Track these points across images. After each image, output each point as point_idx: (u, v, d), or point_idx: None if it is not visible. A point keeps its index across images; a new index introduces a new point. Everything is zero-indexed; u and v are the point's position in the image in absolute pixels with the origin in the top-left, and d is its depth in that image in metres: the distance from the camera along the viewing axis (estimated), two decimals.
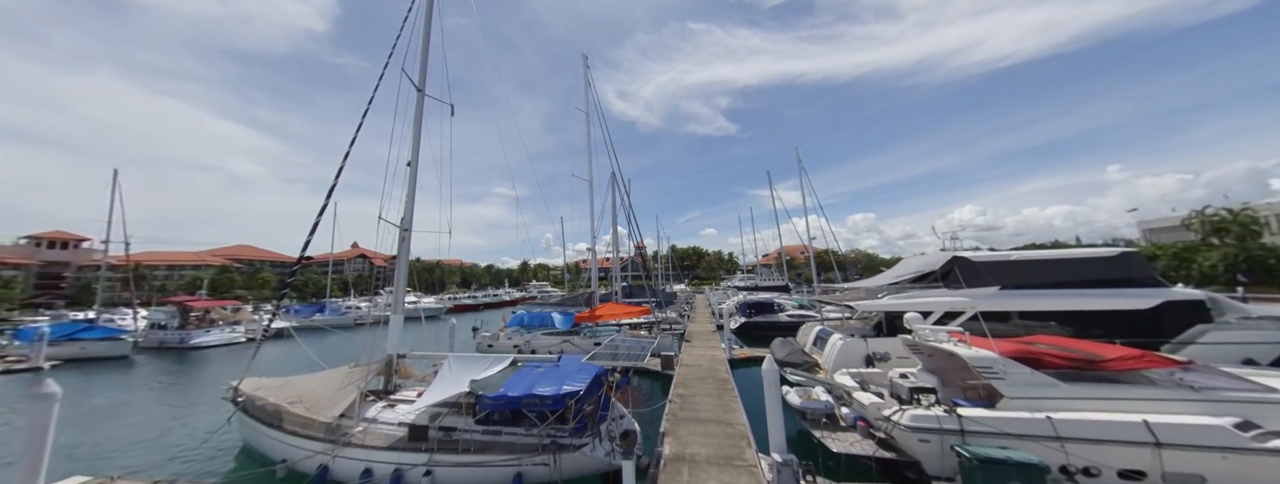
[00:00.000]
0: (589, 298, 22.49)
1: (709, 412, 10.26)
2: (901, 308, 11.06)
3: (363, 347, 10.19)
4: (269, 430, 8.16)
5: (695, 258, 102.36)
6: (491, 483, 7.25)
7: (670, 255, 65.21)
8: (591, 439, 7.57)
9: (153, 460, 8.57)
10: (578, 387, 7.85)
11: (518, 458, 7.27)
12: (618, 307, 20.88)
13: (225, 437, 9.42)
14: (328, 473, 7.38)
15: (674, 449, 8.19)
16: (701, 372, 14.10)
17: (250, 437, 9.04)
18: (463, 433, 7.69)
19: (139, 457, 8.81)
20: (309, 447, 7.52)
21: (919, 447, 6.98)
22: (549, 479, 7.12)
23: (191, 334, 25.12)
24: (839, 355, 11.61)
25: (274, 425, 8.11)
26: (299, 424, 7.88)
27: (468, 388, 8.07)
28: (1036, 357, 7.03)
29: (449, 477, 7.23)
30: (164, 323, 26.61)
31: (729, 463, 7.60)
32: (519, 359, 9.60)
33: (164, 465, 8.40)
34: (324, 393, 8.55)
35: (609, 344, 16.44)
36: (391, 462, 7.24)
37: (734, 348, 17.05)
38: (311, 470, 7.40)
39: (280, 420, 8.06)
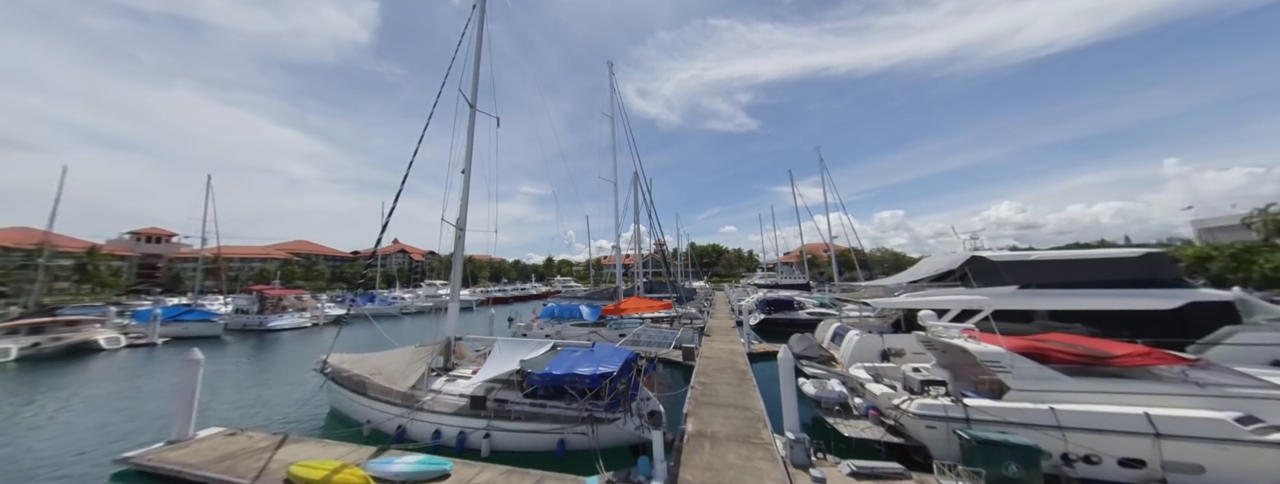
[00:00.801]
0: (614, 292, 23.26)
1: (728, 397, 10.79)
2: (917, 306, 11.19)
3: (414, 330, 11.41)
4: (355, 396, 9.40)
5: (714, 255, 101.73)
6: (539, 447, 8.11)
7: (690, 252, 65.07)
8: (623, 415, 8.30)
9: (262, 419, 10.02)
10: (611, 368, 8.62)
11: (561, 427, 8.11)
12: (641, 301, 21.55)
13: (316, 401, 10.86)
14: (405, 433, 8.48)
15: (696, 427, 8.79)
16: (721, 363, 14.59)
17: (338, 402, 10.37)
18: (514, 404, 8.61)
19: (251, 416, 10.28)
20: (389, 411, 8.65)
21: (926, 432, 7.31)
22: (587, 446, 7.89)
23: (268, 318, 27.90)
24: (855, 350, 11.87)
25: (359, 392, 9.34)
26: (380, 392, 9.06)
27: (517, 366, 9.00)
28: (1044, 352, 7.20)
29: (504, 440, 8.16)
30: (246, 308, 29.62)
31: (747, 440, 8.14)
32: (558, 344, 10.48)
33: (272, 423, 9.80)
34: (397, 367, 9.72)
35: (635, 334, 17.17)
36: (457, 425, 8.24)
37: (753, 342, 17.41)
38: (391, 431, 8.53)
39: (364, 388, 9.28)
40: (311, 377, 11.17)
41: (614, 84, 22.78)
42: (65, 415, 11.08)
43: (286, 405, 11.29)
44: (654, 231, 25.19)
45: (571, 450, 8.00)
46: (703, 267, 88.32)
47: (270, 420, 10.03)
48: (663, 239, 24.94)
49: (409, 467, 6.69)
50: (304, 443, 7.96)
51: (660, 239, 25.25)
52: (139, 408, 11.65)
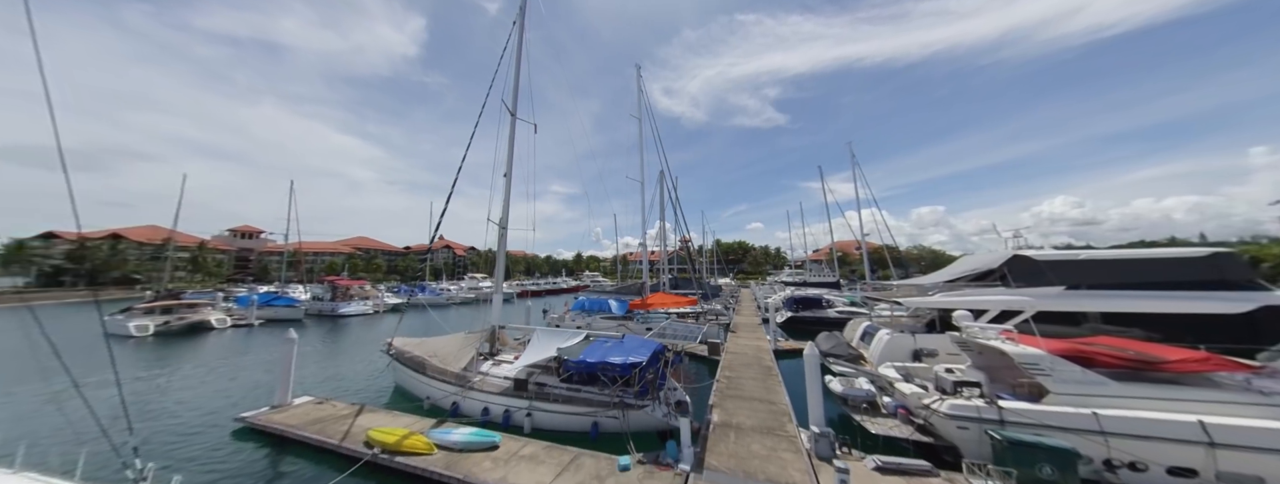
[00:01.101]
0: (640, 288, 23.63)
1: (753, 391, 10.89)
2: (953, 306, 10.73)
3: (460, 318, 12.38)
4: (416, 375, 10.45)
5: (741, 252, 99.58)
6: (574, 427, 8.67)
7: (715, 249, 63.96)
8: (651, 402, 8.69)
9: (339, 391, 11.34)
10: (640, 359, 9.02)
11: (594, 410, 8.62)
12: (667, 297, 21.76)
13: (384, 378, 12.13)
14: (458, 408, 9.34)
15: (722, 418, 9.02)
16: (747, 359, 14.62)
17: (402, 379, 11.53)
18: (552, 388, 9.23)
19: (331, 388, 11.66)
20: (445, 389, 9.56)
21: (957, 433, 7.15)
22: (618, 429, 8.36)
23: (339, 305, 30.95)
24: (885, 349, 11.57)
25: (420, 372, 10.37)
26: (437, 372, 10.02)
27: (555, 353, 9.62)
28: (1089, 356, 6.82)
29: (544, 419, 8.80)
30: (321, 296, 32.95)
31: (771, 432, 8.27)
32: (591, 335, 11.02)
33: (348, 395, 11.08)
34: (450, 351, 10.68)
35: (661, 328, 17.48)
36: (502, 404, 8.98)
37: (779, 339, 17.24)
38: (447, 406, 9.44)
39: (424, 368, 10.29)
40: (378, 357, 12.46)
41: (642, 87, 23.04)
42: (194, 381, 13.05)
43: (359, 381, 12.68)
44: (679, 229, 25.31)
45: (604, 432, 8.50)
46: (728, 264, 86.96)
47: (346, 392, 11.32)
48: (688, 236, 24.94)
49: (464, 437, 7.45)
50: (376, 413, 9.01)
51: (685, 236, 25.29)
52: (247, 377, 13.49)
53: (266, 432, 8.09)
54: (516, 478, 6.64)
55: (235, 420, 8.53)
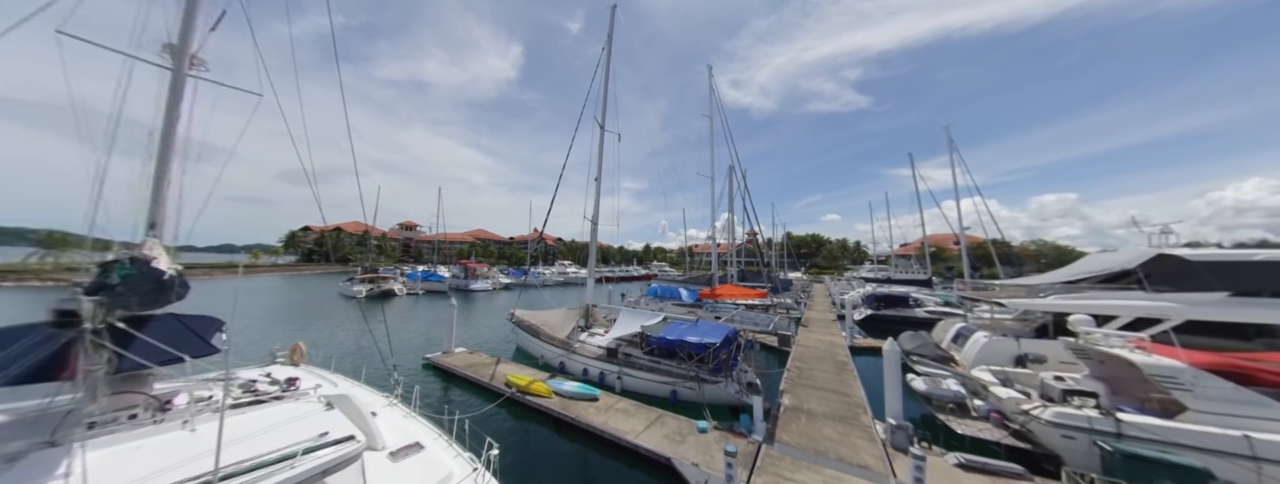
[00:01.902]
0: (710, 279, 23.76)
1: (825, 382, 10.72)
2: (1072, 310, 9.22)
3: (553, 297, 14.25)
4: (533, 339, 12.56)
5: (814, 245, 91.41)
6: (656, 392, 9.68)
7: (786, 242, 59.81)
8: (724, 379, 9.27)
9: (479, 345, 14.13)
10: (714, 340, 9.63)
11: (674, 381, 9.51)
12: (735, 288, 21.57)
13: (508, 339, 14.66)
14: (564, 367, 11.07)
15: (792, 402, 9.18)
16: (819, 353, 14.17)
17: (521, 341, 13.89)
18: (637, 358, 10.37)
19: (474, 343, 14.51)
20: (554, 351, 11.39)
21: (1060, 441, 6.47)
22: (694, 399, 9.13)
23: (470, 282, 38.76)
24: (981, 353, 10.42)
25: (536, 336, 12.45)
26: (548, 338, 11.95)
27: (639, 330, 10.73)
28: (1246, 372, 5.60)
29: (631, 383, 9.98)
30: (458, 275, 40.75)
31: (844, 420, 8.23)
32: (668, 317, 11.93)
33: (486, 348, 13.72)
34: (556, 322, 12.57)
35: (731, 316, 17.65)
36: (598, 367, 10.41)
37: (856, 337, 16.25)
38: (556, 364, 11.25)
39: (538, 334, 12.33)
40: (504, 322, 15.09)
41: (713, 86, 22.89)
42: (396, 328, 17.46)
43: (492, 339, 15.71)
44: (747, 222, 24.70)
45: (682, 399, 9.36)
46: (801, 257, 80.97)
47: (484, 346, 14.15)
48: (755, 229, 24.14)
49: (573, 388, 8.95)
50: (508, 363, 11.23)
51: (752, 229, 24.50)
52: (425, 330, 17.70)
53: (440, 367, 10.76)
54: (615, 424, 7.85)
55: (424, 358, 11.45)
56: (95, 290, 3.47)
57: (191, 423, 3.54)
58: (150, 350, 3.69)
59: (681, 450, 7.01)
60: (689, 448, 7.11)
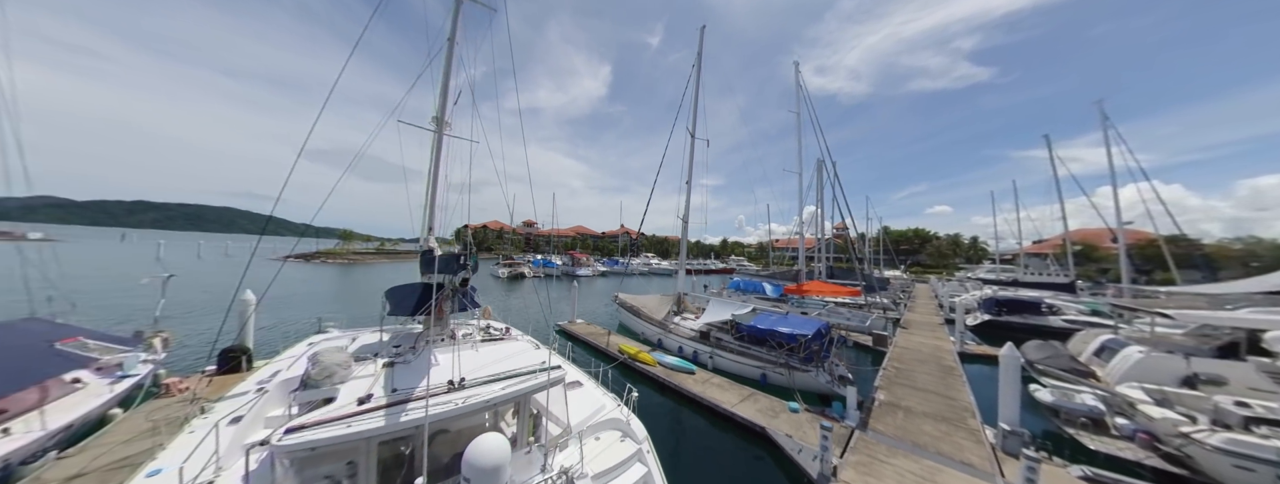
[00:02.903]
0: (796, 274, 23.00)
1: (927, 385, 10.23)
2: (1271, 326, 7.36)
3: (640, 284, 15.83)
4: (634, 317, 14.43)
5: (917, 241, 78.56)
6: (747, 374, 10.44)
7: (882, 238, 52.94)
8: (815, 369, 9.61)
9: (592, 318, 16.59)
10: (805, 333, 9.98)
11: (764, 365, 10.19)
12: (824, 285, 20.57)
13: (612, 316, 16.91)
14: (661, 344, 12.55)
15: (888, 399, 9.09)
16: (920, 355, 13.23)
17: (624, 319, 15.94)
18: (728, 342, 11.25)
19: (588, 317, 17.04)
20: (653, 329, 12.97)
21: (1231, 472, 5.63)
22: (783, 383, 9.68)
23: (576, 269, 45.21)
24: (1133, 369, 8.90)
25: (636, 315, 14.27)
26: (648, 318, 13.63)
27: (730, 317, 11.58)
28: None
29: (723, 363, 10.92)
30: (567, 263, 48.84)
31: (947, 420, 7.96)
32: (757, 308, 12.49)
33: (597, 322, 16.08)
34: (653, 306, 14.18)
35: (820, 314, 17.21)
36: (692, 347, 11.60)
37: (967, 343, 14.64)
38: (654, 341, 12.82)
39: (639, 313, 14.13)
40: (606, 302, 17.43)
41: (801, 82, 21.60)
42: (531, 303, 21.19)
43: (599, 315, 18.27)
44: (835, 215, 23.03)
45: (771, 382, 9.96)
46: (901, 254, 71.08)
47: (594, 320, 16.63)
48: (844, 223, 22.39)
49: (674, 361, 10.31)
50: (617, 335, 13.27)
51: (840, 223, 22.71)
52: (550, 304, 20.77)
53: (568, 332, 13.33)
54: (712, 394, 8.95)
55: (556, 325, 14.20)
56: (459, 268, 5.79)
57: (475, 346, 5.68)
58: (458, 303, 6.15)
59: (775, 423, 7.76)
60: (781, 422, 7.82)
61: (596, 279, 42.12)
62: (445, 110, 7.04)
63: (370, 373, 4.73)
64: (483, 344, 5.92)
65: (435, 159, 6.96)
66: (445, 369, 4.77)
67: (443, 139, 6.98)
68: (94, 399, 6.81)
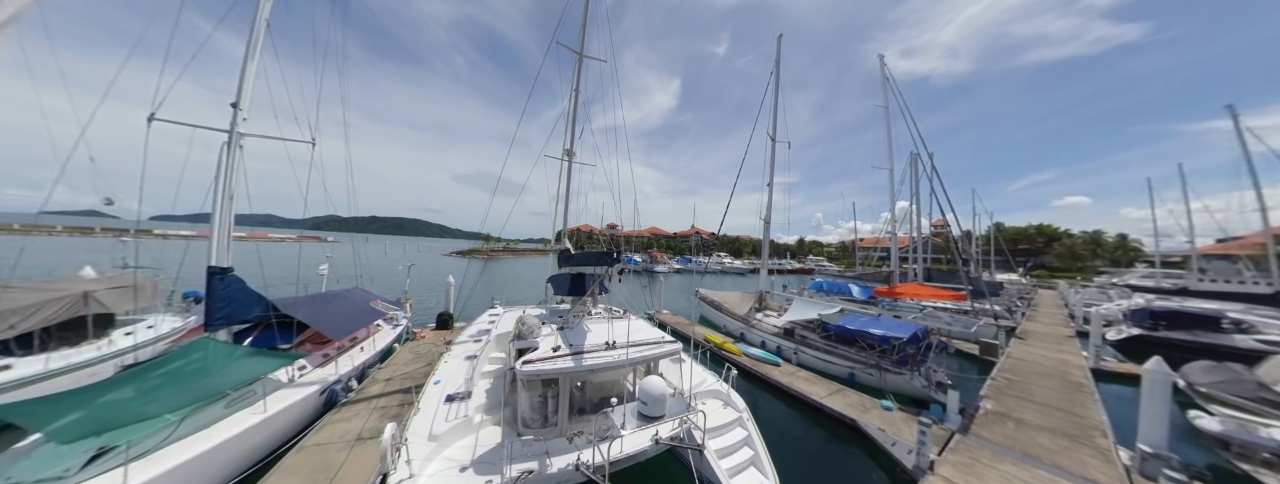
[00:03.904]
0: (887, 276, 21.36)
1: (1047, 398, 9.31)
2: None
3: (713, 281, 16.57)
4: (716, 311, 15.38)
5: (1041, 239, 63.91)
6: (832, 372, 10.55)
7: (993, 236, 44.52)
8: (910, 372, 9.41)
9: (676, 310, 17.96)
10: (899, 335, 9.78)
11: (853, 364, 10.24)
12: (921, 288, 18.76)
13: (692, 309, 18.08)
14: (743, 337, 13.23)
15: (997, 408, 8.56)
16: (1040, 369, 11.77)
17: (705, 312, 16.94)
18: (813, 340, 11.46)
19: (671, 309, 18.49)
20: (735, 323, 13.72)
21: None
22: (873, 384, 9.64)
23: (655, 266, 49.07)
24: None
25: (718, 309, 15.16)
26: (729, 312, 14.45)
27: (816, 316, 11.74)
28: None
29: (806, 359, 11.18)
30: (645, 260, 52.14)
31: (1069, 437, 7.33)
32: (845, 308, 12.37)
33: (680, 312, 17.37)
34: (735, 301, 14.89)
35: (916, 318, 16.05)
36: (776, 342, 12.07)
37: (1104, 358, 12.53)
38: (736, 334, 13.55)
39: (721, 307, 14.99)
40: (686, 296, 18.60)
41: (887, 74, 19.55)
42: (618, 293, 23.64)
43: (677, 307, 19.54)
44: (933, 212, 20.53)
45: (859, 382, 9.96)
46: (1019, 255, 59.26)
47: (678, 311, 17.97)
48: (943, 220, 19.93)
49: (759, 353, 10.98)
50: (699, 326, 14.27)
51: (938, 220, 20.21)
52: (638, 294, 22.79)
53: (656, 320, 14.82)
54: (800, 386, 9.44)
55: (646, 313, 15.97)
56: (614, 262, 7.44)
57: (610, 321, 7.24)
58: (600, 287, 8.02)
59: (867, 418, 8.02)
60: (873, 418, 8.02)
61: (672, 276, 44.28)
62: (573, 143, 8.74)
63: (550, 333, 6.51)
64: (614, 320, 7.44)
65: (567, 181, 8.73)
66: (597, 334, 6.34)
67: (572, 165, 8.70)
68: (388, 337, 10.37)
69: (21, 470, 4.36)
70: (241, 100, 7.22)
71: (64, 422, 4.31)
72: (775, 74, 15.22)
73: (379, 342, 9.74)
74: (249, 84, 7.32)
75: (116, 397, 4.91)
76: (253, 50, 7.35)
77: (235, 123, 7.19)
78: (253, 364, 6.33)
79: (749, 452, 5.76)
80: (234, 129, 7.19)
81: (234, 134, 7.18)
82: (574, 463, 4.66)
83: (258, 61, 7.42)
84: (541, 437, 5.22)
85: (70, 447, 4.40)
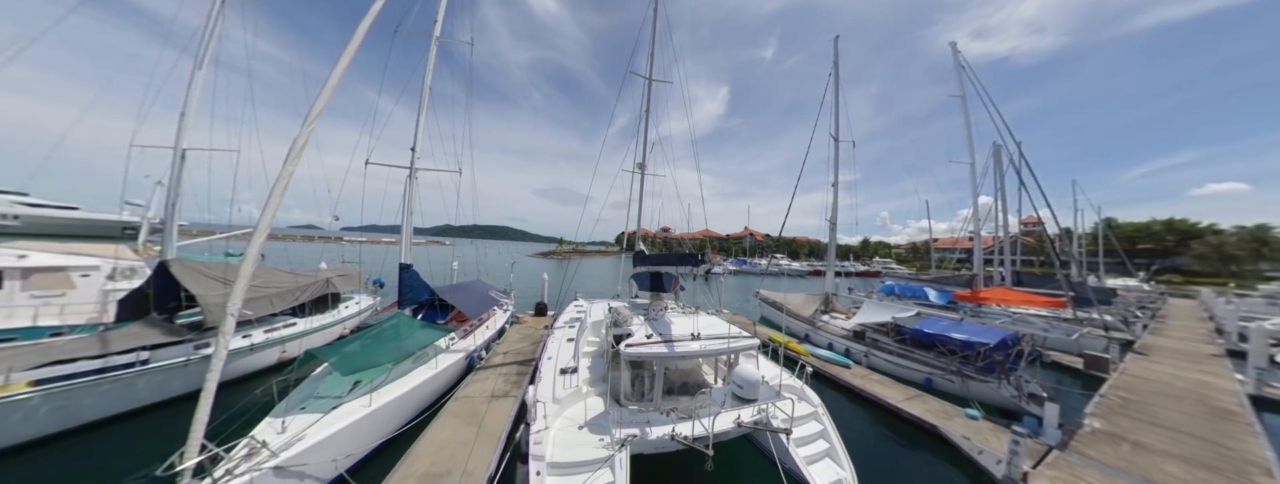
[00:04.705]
0: (970, 279, 19.26)
1: (1179, 424, 8.12)
2: None
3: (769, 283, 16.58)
4: (778, 311, 15.35)
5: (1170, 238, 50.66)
6: (906, 376, 10.13)
7: (1103, 233, 36.66)
8: (998, 380, 8.75)
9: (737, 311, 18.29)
10: (986, 341, 9.11)
11: (931, 370, 9.76)
12: (1010, 292, 16.62)
13: (743, 308, 18.22)
14: (807, 339, 13.10)
15: (1108, 428, 7.76)
16: (1170, 390, 10.13)
17: (765, 312, 17.11)
18: (885, 343, 11.06)
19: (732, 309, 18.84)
20: (799, 325, 13.62)
21: None
22: (954, 391, 9.08)
23: (712, 267, 49.10)
24: None
25: (780, 310, 15.11)
26: (792, 313, 14.33)
27: (890, 319, 11.29)
28: None
29: (878, 363, 10.83)
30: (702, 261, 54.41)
31: (1209, 468, 6.44)
32: (922, 312, 11.70)
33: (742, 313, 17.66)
34: (799, 303, 14.74)
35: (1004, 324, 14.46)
36: (844, 344, 11.82)
37: (1268, 384, 10.34)
38: (800, 335, 13.45)
39: (783, 308, 14.93)
40: (746, 298, 18.74)
41: (961, 62, 17.32)
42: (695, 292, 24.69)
43: (733, 306, 19.70)
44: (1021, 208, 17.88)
45: (938, 389, 9.46)
46: (1141, 255, 48.53)
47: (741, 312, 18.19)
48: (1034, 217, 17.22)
49: (828, 354, 10.91)
50: (762, 326, 14.37)
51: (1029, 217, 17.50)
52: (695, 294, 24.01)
53: None
54: (873, 389, 9.28)
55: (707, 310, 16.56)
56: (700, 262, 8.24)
57: (688, 315, 7.89)
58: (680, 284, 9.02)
59: (949, 425, 7.72)
60: (956, 426, 7.67)
61: (727, 276, 44.29)
62: (645, 157, 9.59)
63: (640, 323, 7.33)
64: (689, 315, 8.09)
65: (640, 192, 9.61)
66: (680, 326, 7.01)
67: (644, 177, 9.56)
68: (501, 320, 12.36)
69: (322, 389, 6.44)
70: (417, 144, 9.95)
71: (337, 359, 6.46)
72: (834, 75, 14.65)
73: (496, 323, 11.75)
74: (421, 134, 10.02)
75: (356, 348, 7.00)
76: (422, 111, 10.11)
77: (413, 161, 10.03)
78: (427, 333, 8.34)
79: (825, 444, 6.04)
80: (413, 165, 10.02)
81: (413, 169, 9.96)
82: (670, 433, 5.38)
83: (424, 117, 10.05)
84: (641, 409, 6.06)
85: (342, 378, 6.44)
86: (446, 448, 5.98)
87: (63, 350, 6.44)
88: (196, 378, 7.18)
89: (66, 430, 6.32)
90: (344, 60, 5.26)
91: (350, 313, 11.77)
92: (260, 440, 4.75)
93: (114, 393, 6.60)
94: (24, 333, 7.70)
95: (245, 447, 4.65)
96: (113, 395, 6.60)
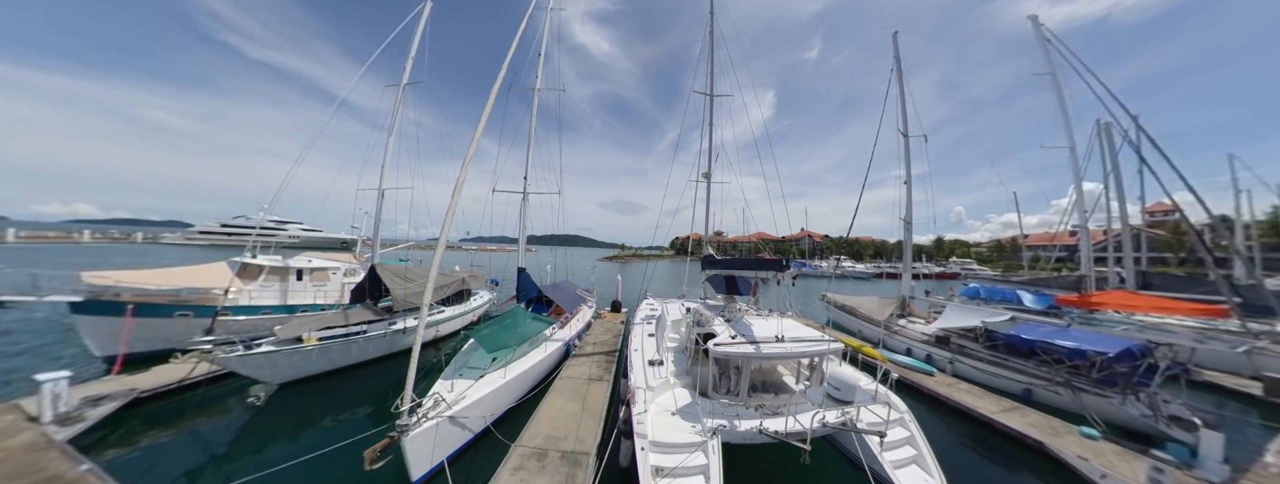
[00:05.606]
0: (1077, 281, 16.18)
1: None
2: None
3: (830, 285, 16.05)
4: (847, 316, 14.93)
5: None
6: (999, 386, 9.23)
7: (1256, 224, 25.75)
8: (1122, 396, 7.63)
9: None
10: (1104, 350, 8.03)
11: (1029, 379, 8.81)
12: (1134, 296, 13.45)
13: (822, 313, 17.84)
14: (882, 344, 12.49)
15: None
16: None
17: (833, 315, 16.61)
18: (972, 349, 10.23)
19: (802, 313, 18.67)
20: (872, 329, 13.13)
21: None
22: (1063, 405, 8.12)
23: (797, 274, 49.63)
24: None
25: (851, 314, 14.66)
26: (865, 317, 13.84)
27: (980, 324, 10.42)
28: None
29: (965, 370, 10.04)
30: None
31: None
32: (1018, 316, 10.57)
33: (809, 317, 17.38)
34: (871, 307, 14.19)
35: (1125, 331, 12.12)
36: (924, 349, 11.17)
37: None
38: (874, 339, 12.93)
39: (855, 312, 14.47)
40: (812, 300, 18.56)
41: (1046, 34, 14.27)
42: None
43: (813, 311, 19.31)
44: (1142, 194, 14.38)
45: (1038, 400, 8.52)
46: None
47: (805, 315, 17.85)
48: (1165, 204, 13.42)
49: (908, 361, 10.43)
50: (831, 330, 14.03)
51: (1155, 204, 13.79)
52: None
53: None
54: (962, 398, 8.68)
55: None
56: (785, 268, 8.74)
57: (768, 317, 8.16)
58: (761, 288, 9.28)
59: (1059, 442, 6.98)
60: (1069, 444, 6.86)
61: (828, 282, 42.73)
62: (711, 168, 10.30)
63: (721, 324, 7.64)
64: (766, 317, 8.24)
65: (707, 199, 10.40)
66: (760, 328, 7.09)
67: (710, 186, 10.31)
68: (587, 316, 14.15)
69: (473, 360, 8.08)
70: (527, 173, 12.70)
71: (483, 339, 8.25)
72: (897, 70, 13.73)
73: (584, 317, 13.31)
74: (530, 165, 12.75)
75: (494, 331, 8.87)
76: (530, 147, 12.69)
77: (526, 187, 12.96)
78: (537, 324, 10.12)
79: (912, 451, 5.86)
80: (526, 190, 12.95)
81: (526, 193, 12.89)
82: (758, 427, 5.65)
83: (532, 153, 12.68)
84: (730, 403, 6.46)
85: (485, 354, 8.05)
86: (560, 418, 7.05)
87: (329, 320, 9.55)
88: (388, 345, 10.26)
89: (329, 372, 9.38)
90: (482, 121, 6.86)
91: (478, 304, 15.36)
92: (441, 396, 6.14)
93: (353, 350, 9.58)
94: (311, 307, 11.96)
95: (432, 399, 6.03)
96: (352, 351, 9.61)
